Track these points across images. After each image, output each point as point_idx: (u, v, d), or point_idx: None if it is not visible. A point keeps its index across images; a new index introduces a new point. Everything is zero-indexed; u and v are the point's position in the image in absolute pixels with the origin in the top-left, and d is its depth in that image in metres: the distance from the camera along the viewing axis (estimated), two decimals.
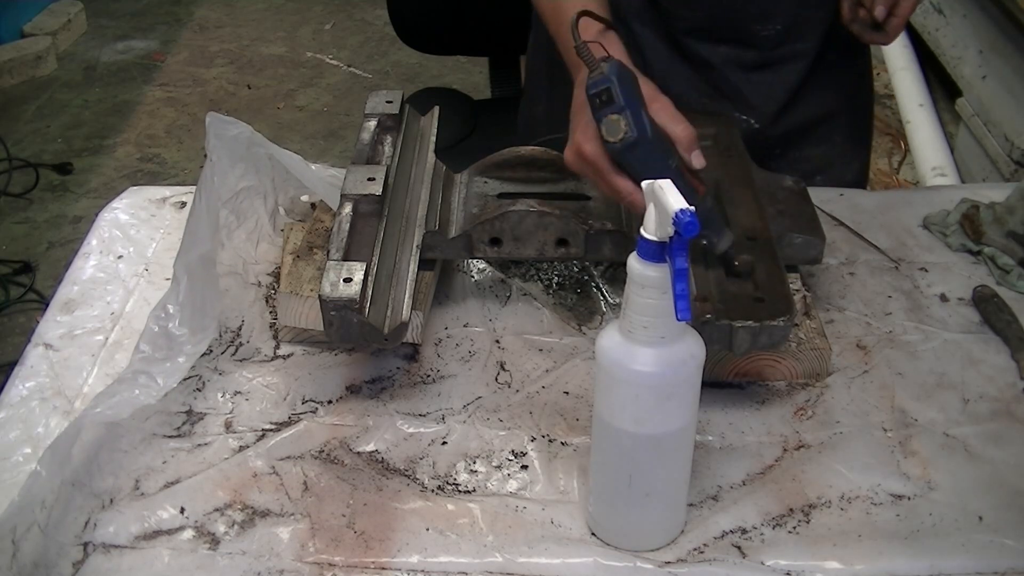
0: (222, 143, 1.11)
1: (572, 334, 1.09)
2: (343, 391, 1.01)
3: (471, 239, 1.05)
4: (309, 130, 3.51)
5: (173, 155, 3.35)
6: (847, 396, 1.01)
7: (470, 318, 1.11)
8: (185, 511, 0.88)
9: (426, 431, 0.97)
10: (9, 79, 3.67)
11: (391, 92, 1.19)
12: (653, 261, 0.73)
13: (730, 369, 1.01)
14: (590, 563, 0.85)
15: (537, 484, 0.92)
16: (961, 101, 2.08)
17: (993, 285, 1.15)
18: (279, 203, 1.22)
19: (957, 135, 2.12)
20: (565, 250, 1.05)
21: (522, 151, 1.16)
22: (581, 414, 0.99)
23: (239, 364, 1.04)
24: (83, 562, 0.84)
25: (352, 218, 1.01)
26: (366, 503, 0.89)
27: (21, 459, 0.92)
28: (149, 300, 1.10)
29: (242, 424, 0.97)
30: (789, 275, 1.01)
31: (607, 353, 0.79)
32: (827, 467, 0.93)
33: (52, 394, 1.00)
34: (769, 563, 0.85)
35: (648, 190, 0.74)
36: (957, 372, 1.04)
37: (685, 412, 0.80)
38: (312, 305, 1.02)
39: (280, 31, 4.15)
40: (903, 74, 2.30)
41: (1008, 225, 1.17)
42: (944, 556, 0.85)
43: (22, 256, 2.78)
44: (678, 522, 0.87)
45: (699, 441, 0.95)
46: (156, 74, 3.83)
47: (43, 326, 1.09)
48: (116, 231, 1.23)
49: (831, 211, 1.26)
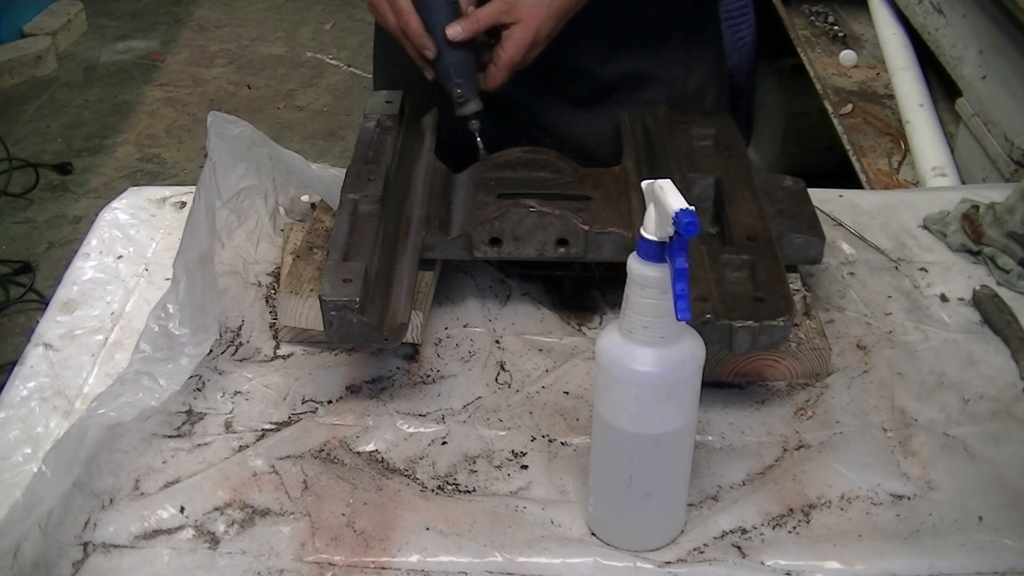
0: (223, 142, 1.11)
1: (572, 334, 1.09)
2: (343, 391, 1.01)
3: (471, 239, 1.05)
4: (309, 130, 3.51)
5: (173, 155, 3.35)
6: (847, 396, 1.01)
7: (470, 318, 1.11)
8: (185, 511, 0.88)
9: (426, 431, 0.97)
10: (9, 79, 3.67)
11: (391, 92, 1.20)
12: (653, 261, 0.73)
13: (730, 369, 1.01)
14: (590, 563, 0.85)
15: (537, 484, 0.92)
16: (961, 101, 2.08)
17: (993, 285, 1.15)
18: (279, 203, 1.22)
19: (957, 135, 2.12)
20: (565, 250, 1.05)
21: (522, 151, 1.16)
22: (581, 414, 0.99)
23: (239, 364, 1.04)
24: (83, 562, 0.84)
25: (352, 218, 1.01)
26: (366, 503, 0.89)
27: (21, 459, 0.92)
28: (149, 300, 1.10)
29: (242, 424, 0.97)
30: (789, 275, 1.01)
31: (607, 353, 0.79)
32: (827, 467, 0.93)
33: (52, 394, 1.00)
34: (769, 563, 0.85)
35: (648, 190, 0.74)
36: (957, 372, 1.04)
37: (685, 412, 0.80)
38: (312, 305, 1.02)
39: (280, 31, 4.15)
40: (903, 74, 2.30)
41: (1008, 225, 1.17)
42: (944, 556, 0.85)
43: (22, 256, 2.78)
44: (678, 522, 0.87)
45: (699, 441, 0.95)
46: (156, 74, 3.83)
47: (43, 326, 1.09)
48: (116, 231, 1.23)
49: (831, 211, 1.26)
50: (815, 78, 2.47)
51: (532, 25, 1.10)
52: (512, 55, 1.11)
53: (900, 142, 2.22)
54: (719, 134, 1.18)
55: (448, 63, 1.12)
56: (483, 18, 1.11)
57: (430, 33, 1.11)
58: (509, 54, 1.12)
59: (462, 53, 1.12)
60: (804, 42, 2.59)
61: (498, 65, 1.13)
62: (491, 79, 1.14)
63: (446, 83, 1.13)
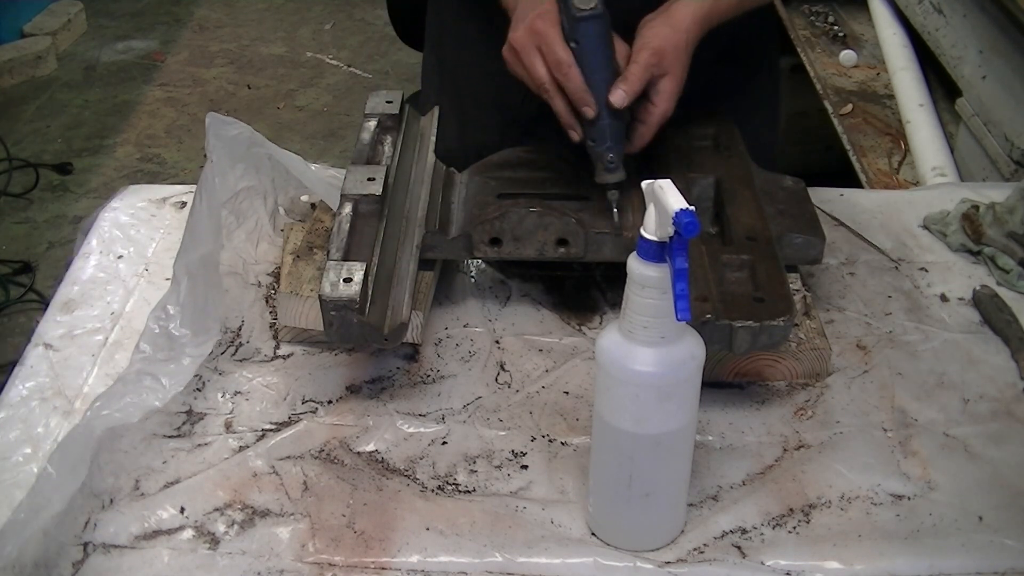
0: (222, 143, 1.11)
1: (572, 334, 1.09)
2: (343, 391, 1.01)
3: (471, 239, 1.05)
4: (309, 130, 3.51)
5: (173, 155, 3.35)
6: (847, 396, 1.01)
7: (470, 318, 1.11)
8: (185, 511, 0.88)
9: (426, 431, 0.97)
10: (9, 79, 3.67)
11: (391, 92, 1.19)
12: (653, 261, 0.73)
13: (730, 369, 1.01)
14: (590, 563, 0.85)
15: (537, 484, 0.92)
16: (961, 101, 2.08)
17: (993, 285, 1.15)
18: (279, 203, 1.22)
19: (957, 135, 2.12)
20: (565, 250, 1.05)
21: (523, 151, 1.16)
22: (581, 414, 0.99)
23: (239, 364, 1.04)
24: (83, 562, 0.84)
25: (352, 218, 1.01)
26: (366, 503, 0.89)
27: (21, 459, 0.92)
28: (149, 300, 1.10)
29: (242, 424, 0.97)
30: (789, 275, 1.01)
31: (607, 353, 0.79)
32: (827, 467, 0.93)
33: (52, 394, 1.00)
34: (769, 563, 0.85)
35: (648, 190, 0.74)
36: (957, 372, 1.04)
37: (685, 412, 0.80)
38: (312, 305, 1.02)
39: (280, 31, 4.15)
40: (903, 74, 2.30)
41: (1008, 225, 1.17)
42: (944, 556, 0.85)
43: (22, 256, 2.78)
44: (678, 522, 0.87)
45: (699, 441, 0.95)
46: (156, 74, 3.83)
47: (43, 326, 1.09)
48: (116, 231, 1.23)
49: (831, 211, 1.26)
50: (815, 78, 2.47)
51: (678, 74, 1.03)
52: (665, 109, 1.04)
53: (900, 142, 2.22)
54: (719, 134, 1.18)
55: (605, 125, 1.02)
56: (640, 76, 1.01)
57: (590, 89, 1.01)
58: (662, 109, 1.04)
59: (621, 116, 1.03)
60: (804, 42, 2.59)
61: (649, 123, 1.05)
62: (640, 139, 1.06)
63: (597, 146, 1.03)
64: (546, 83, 1.02)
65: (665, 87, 1.03)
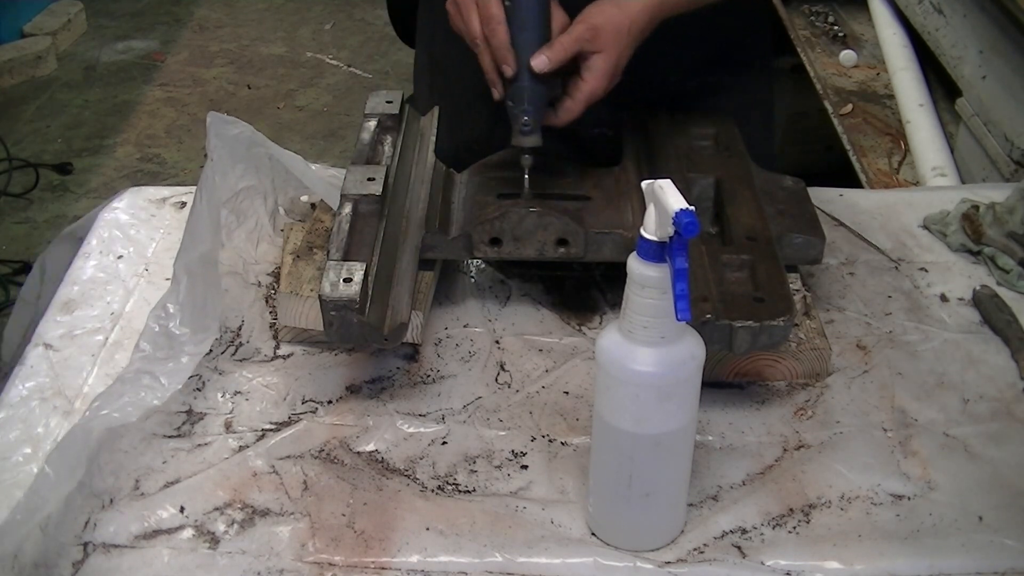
0: (222, 143, 1.11)
1: (572, 334, 1.09)
2: (343, 391, 1.01)
3: (471, 239, 1.05)
4: (309, 130, 3.51)
5: (173, 155, 3.35)
6: (847, 396, 1.01)
7: (470, 318, 1.11)
8: (185, 511, 0.88)
9: (426, 431, 0.97)
10: (9, 79, 3.67)
11: (391, 92, 1.19)
12: (653, 261, 0.73)
13: (730, 369, 1.01)
14: (590, 563, 0.85)
15: (537, 484, 0.92)
16: (961, 101, 2.08)
17: (993, 285, 1.15)
18: (279, 203, 1.22)
19: (957, 135, 2.12)
20: (565, 250, 1.05)
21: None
22: (581, 414, 0.99)
23: (239, 364, 1.04)
24: (83, 562, 0.84)
25: (352, 218, 1.01)
26: (366, 503, 0.89)
27: (21, 459, 0.92)
28: (149, 300, 1.10)
29: (242, 424, 0.97)
30: (789, 275, 1.01)
31: (607, 353, 0.79)
32: (827, 467, 0.93)
33: (52, 394, 1.00)
34: (769, 563, 0.85)
35: (648, 190, 0.74)
36: (957, 372, 1.04)
37: (685, 412, 0.80)
38: (312, 305, 1.02)
39: (280, 31, 4.15)
40: (903, 74, 2.30)
41: (1008, 225, 1.17)
42: (944, 556, 0.85)
43: (22, 256, 2.77)
44: (678, 522, 0.87)
45: (699, 441, 0.95)
46: (156, 74, 3.83)
47: (43, 326, 1.09)
48: (116, 231, 1.23)
49: (831, 211, 1.26)
50: (815, 78, 2.47)
51: (614, 55, 1.02)
52: (594, 87, 1.02)
53: (900, 142, 2.22)
54: (719, 134, 1.18)
55: (524, 87, 1.02)
56: (568, 46, 1.01)
57: (515, 50, 1.01)
58: (591, 86, 1.02)
59: (542, 80, 1.03)
60: (804, 42, 2.59)
61: (576, 98, 1.03)
62: (566, 112, 1.04)
63: (515, 107, 1.03)
64: (478, 38, 1.03)
65: (597, 64, 1.02)
